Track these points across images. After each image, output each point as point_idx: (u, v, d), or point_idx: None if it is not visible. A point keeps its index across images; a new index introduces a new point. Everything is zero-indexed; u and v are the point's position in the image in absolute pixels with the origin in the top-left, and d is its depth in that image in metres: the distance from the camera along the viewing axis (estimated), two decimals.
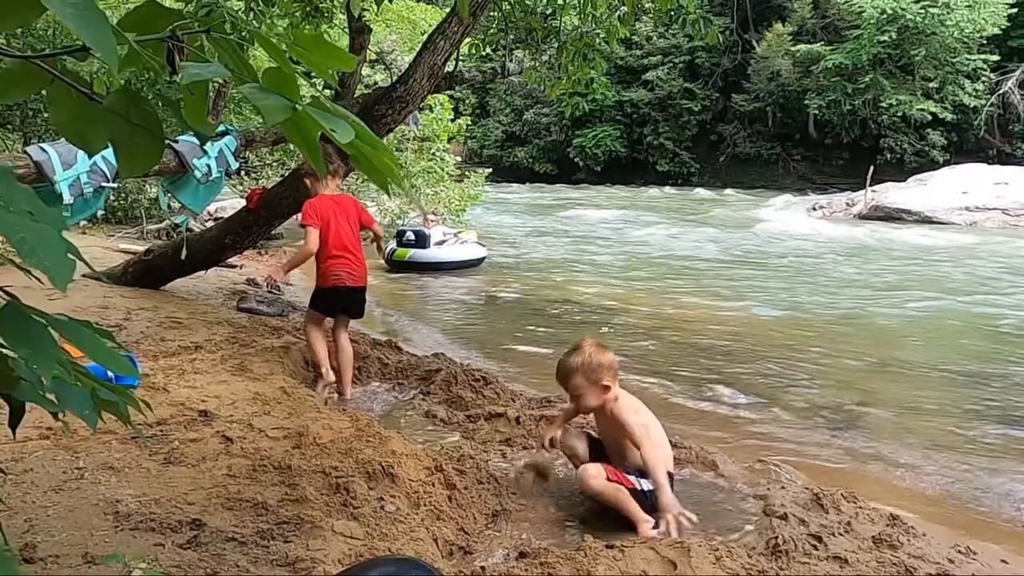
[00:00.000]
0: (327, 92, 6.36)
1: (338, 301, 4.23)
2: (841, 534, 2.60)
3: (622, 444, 2.90)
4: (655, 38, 34.39)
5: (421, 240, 9.55)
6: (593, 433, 3.19)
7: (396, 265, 9.54)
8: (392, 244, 9.74)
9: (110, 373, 3.14)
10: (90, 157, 3.86)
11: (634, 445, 2.85)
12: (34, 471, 2.47)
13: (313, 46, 0.92)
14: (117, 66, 0.68)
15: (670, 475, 2.89)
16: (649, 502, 2.79)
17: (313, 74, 0.98)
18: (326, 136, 0.86)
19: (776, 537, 2.55)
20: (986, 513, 3.21)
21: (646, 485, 2.81)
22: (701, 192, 28.60)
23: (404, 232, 9.81)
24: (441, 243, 9.82)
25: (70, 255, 0.69)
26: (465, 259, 9.86)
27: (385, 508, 2.47)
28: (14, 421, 1.09)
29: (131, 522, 2.19)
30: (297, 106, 0.83)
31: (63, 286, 0.66)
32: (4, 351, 0.93)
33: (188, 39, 0.85)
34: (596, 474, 2.77)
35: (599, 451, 3.02)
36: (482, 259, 10.14)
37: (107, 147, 0.93)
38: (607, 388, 2.85)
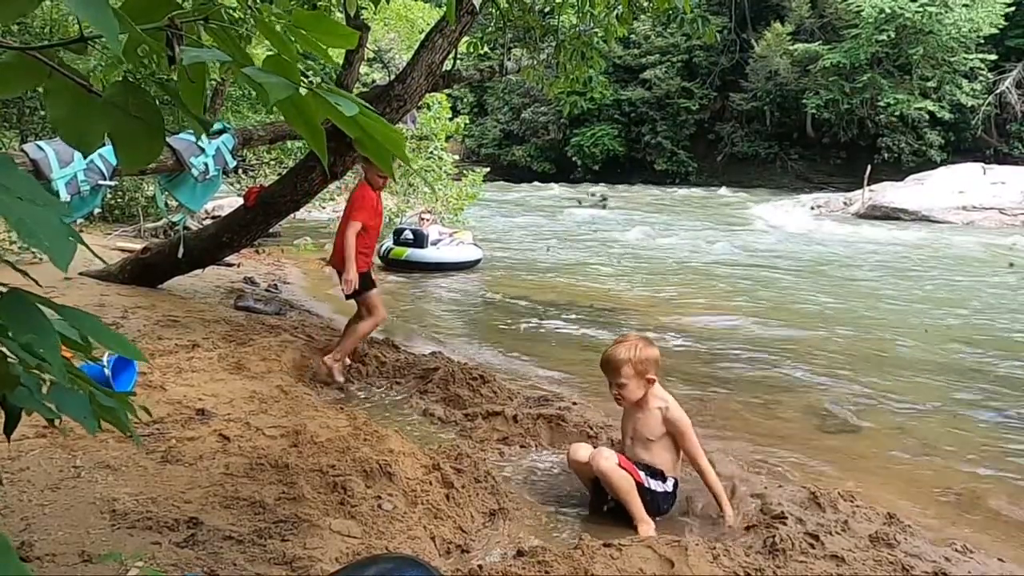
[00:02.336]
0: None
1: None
2: (838, 533, 2.60)
3: (650, 442, 2.90)
4: (653, 37, 34.39)
5: (419, 239, 9.51)
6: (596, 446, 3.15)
7: (392, 264, 9.50)
8: (388, 242, 9.69)
9: (107, 371, 3.14)
10: (86, 155, 3.84)
11: (694, 463, 2.89)
12: (31, 470, 2.47)
13: (314, 24, 0.91)
14: (120, 47, 0.68)
15: (676, 480, 2.90)
16: (654, 504, 2.79)
17: (310, 72, 0.97)
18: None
19: (773, 536, 2.55)
20: (983, 512, 3.21)
21: (655, 485, 2.82)
22: (699, 191, 28.61)
23: (402, 231, 9.76)
24: (437, 243, 9.78)
25: (71, 238, 0.69)
26: (462, 260, 9.82)
27: (383, 506, 2.47)
28: (10, 427, 1.08)
29: (128, 521, 2.19)
30: (299, 86, 0.82)
31: (64, 266, 0.66)
32: (1, 351, 0.92)
33: (186, 28, 0.84)
34: (609, 456, 2.81)
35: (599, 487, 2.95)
36: (478, 260, 10.10)
37: (104, 144, 0.92)
38: (651, 382, 2.91)
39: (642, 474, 2.82)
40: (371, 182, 4.49)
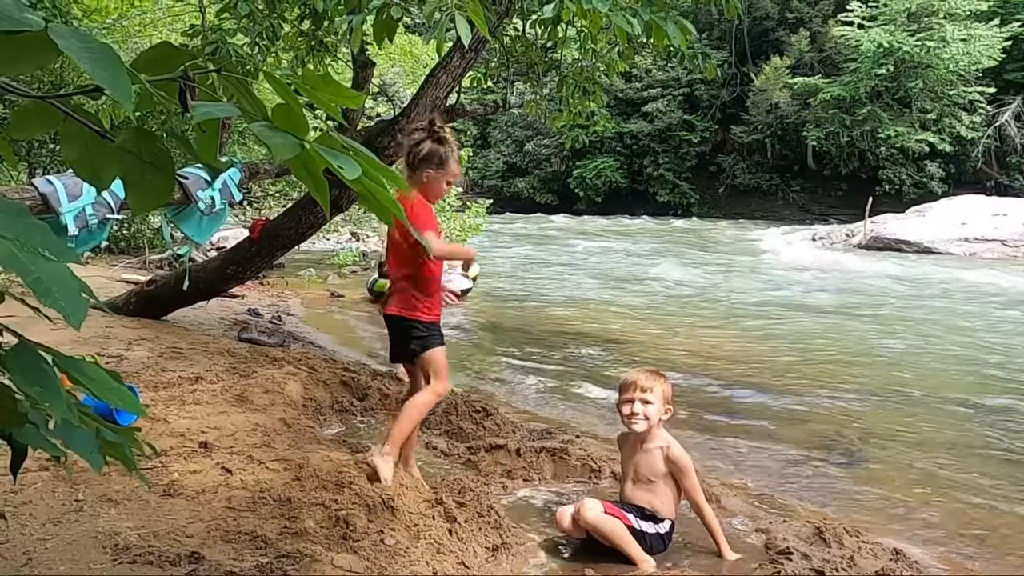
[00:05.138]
0: (330, 124, 6.44)
1: (389, 332, 3.32)
2: (844, 569, 2.58)
3: (652, 483, 2.87)
4: (654, 71, 34.82)
5: None
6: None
7: (377, 296, 9.55)
8: (374, 275, 9.79)
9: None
10: (99, 192, 3.89)
11: (693, 502, 2.87)
12: (33, 503, 2.46)
13: (321, 84, 0.94)
14: (132, 106, 0.70)
15: (672, 522, 2.88)
16: (645, 546, 2.76)
17: (317, 106, 1.00)
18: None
19: (778, 572, 2.53)
20: (990, 549, 3.18)
21: (646, 527, 2.79)
22: (701, 222, 28.74)
23: (384, 262, 9.82)
24: None
25: (83, 294, 0.71)
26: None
27: (385, 541, 2.46)
28: (16, 465, 1.09)
29: (129, 555, 2.18)
30: (305, 144, 0.85)
31: (77, 325, 0.68)
32: (8, 387, 0.94)
33: (199, 78, 0.87)
34: (592, 507, 2.77)
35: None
36: (467, 290, 10.09)
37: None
38: (669, 412, 2.89)
39: (631, 516, 2.77)
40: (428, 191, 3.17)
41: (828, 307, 10.08)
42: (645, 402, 2.82)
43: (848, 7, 28.80)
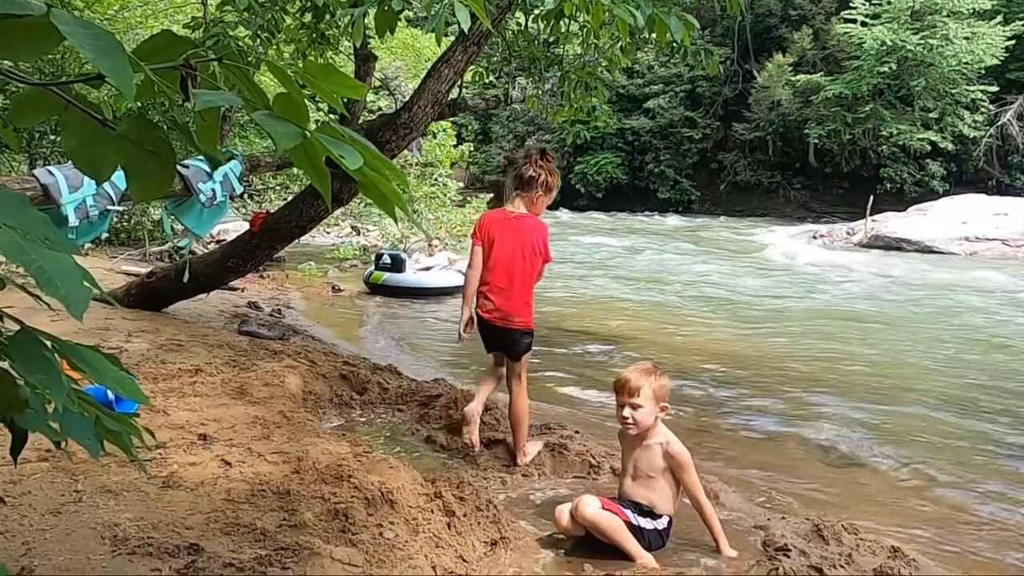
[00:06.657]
0: (331, 117, 6.43)
1: (487, 335, 3.70)
2: (842, 566, 2.58)
3: (651, 479, 2.86)
4: (656, 67, 34.77)
5: (397, 264, 9.70)
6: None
7: (372, 288, 9.68)
8: (371, 267, 9.93)
9: (110, 395, 3.14)
10: (99, 183, 3.88)
11: (692, 498, 2.85)
12: (32, 493, 2.47)
13: (323, 75, 0.93)
14: (132, 95, 0.70)
15: (670, 518, 2.87)
16: (644, 542, 2.76)
17: (318, 98, 1.00)
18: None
19: (777, 569, 2.53)
20: (987, 548, 3.18)
21: (644, 523, 2.78)
22: (701, 220, 28.71)
23: (381, 255, 9.97)
24: (428, 268, 9.92)
25: (86, 283, 0.70)
26: (441, 286, 9.86)
27: (384, 535, 2.46)
28: (16, 449, 1.09)
29: (128, 546, 2.18)
30: (307, 132, 0.85)
31: (80, 315, 0.67)
32: (10, 374, 0.93)
33: (201, 67, 0.87)
34: (590, 503, 2.76)
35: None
36: (460, 287, 10.12)
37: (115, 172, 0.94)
38: (664, 410, 2.88)
39: (629, 513, 2.77)
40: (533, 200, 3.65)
41: (827, 306, 10.08)
42: (635, 407, 2.81)
43: (851, 4, 28.71)
